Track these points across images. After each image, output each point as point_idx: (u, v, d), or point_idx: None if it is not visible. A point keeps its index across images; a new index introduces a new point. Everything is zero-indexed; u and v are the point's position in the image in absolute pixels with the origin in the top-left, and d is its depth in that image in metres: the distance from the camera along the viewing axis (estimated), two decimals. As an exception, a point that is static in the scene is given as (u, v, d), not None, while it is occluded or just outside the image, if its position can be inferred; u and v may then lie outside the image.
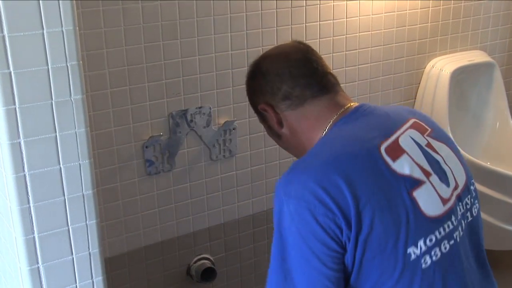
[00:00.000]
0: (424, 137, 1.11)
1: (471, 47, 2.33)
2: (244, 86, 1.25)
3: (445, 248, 1.04)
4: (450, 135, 2.11)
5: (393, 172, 1.03)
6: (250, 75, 1.23)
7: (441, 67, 2.19)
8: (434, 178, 1.06)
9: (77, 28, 0.97)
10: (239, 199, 1.98)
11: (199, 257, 1.94)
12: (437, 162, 1.09)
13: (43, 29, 0.94)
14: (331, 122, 1.12)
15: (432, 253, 1.02)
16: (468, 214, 1.12)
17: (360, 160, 1.03)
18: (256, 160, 1.97)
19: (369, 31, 2.06)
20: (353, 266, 1.01)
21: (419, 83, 2.24)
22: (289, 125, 1.16)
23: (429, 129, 1.14)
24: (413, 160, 1.06)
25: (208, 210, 1.93)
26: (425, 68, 2.23)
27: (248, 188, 1.98)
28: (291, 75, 1.14)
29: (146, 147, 1.77)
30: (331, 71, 1.19)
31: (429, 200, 1.04)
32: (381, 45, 2.10)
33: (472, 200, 1.14)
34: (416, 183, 1.03)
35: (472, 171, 2.15)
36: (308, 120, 1.14)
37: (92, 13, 1.59)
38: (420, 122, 1.14)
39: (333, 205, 0.98)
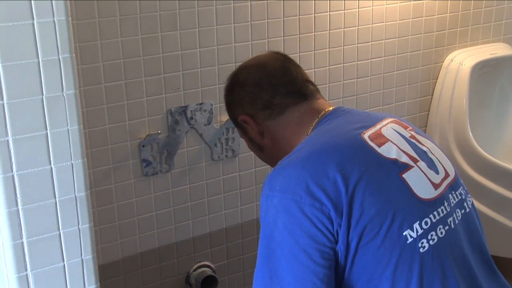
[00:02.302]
0: (407, 131, 1.17)
1: (494, 39, 2.32)
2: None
3: (441, 233, 1.06)
4: (470, 134, 2.13)
5: (380, 156, 1.07)
6: (227, 88, 1.30)
7: (461, 61, 2.18)
8: (422, 164, 1.11)
9: (70, 18, 0.97)
10: (242, 202, 1.98)
11: (199, 264, 1.95)
12: (424, 152, 1.14)
13: (33, 19, 0.94)
14: (312, 126, 1.18)
15: (429, 237, 1.04)
16: (465, 204, 1.15)
17: (345, 146, 1.08)
18: (260, 160, 1.96)
19: (383, 22, 2.06)
20: (346, 257, 1.02)
21: (437, 78, 2.24)
22: (271, 135, 1.22)
23: (410, 127, 1.20)
24: (398, 147, 1.11)
25: (209, 214, 1.93)
26: (443, 62, 2.23)
27: (251, 190, 1.98)
28: (270, 84, 1.21)
29: (143, 146, 1.77)
30: (311, 79, 1.26)
31: (419, 183, 1.07)
32: (395, 37, 2.10)
33: (464, 192, 1.17)
34: (404, 167, 1.08)
35: (494, 173, 2.16)
36: (289, 127, 1.20)
37: (86, 2, 1.59)
38: (400, 121, 1.20)
39: (321, 193, 1.01)
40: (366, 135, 1.10)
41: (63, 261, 1.05)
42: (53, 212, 1.02)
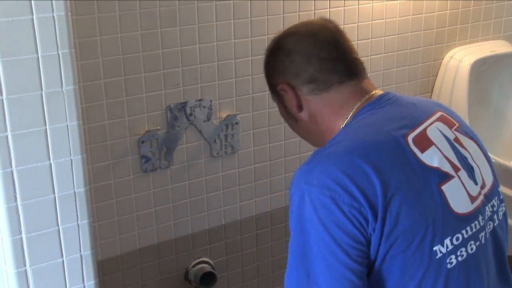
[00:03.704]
0: (452, 131, 1.12)
1: (494, 37, 2.32)
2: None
3: (471, 249, 1.04)
4: (470, 132, 2.13)
5: (421, 163, 1.03)
6: (271, 51, 1.21)
7: (461, 58, 2.18)
8: (463, 173, 1.07)
9: (69, 13, 0.97)
10: (241, 199, 1.98)
11: (198, 260, 1.95)
12: (465, 158, 1.10)
13: (32, 14, 0.94)
14: (354, 110, 1.12)
15: (458, 253, 1.02)
16: (495, 216, 1.12)
17: (386, 149, 1.03)
18: (260, 157, 1.97)
19: (383, 19, 2.06)
20: (374, 262, 1.01)
21: (437, 75, 2.24)
22: (309, 110, 1.16)
23: (457, 124, 1.15)
24: (442, 152, 1.06)
25: (208, 210, 1.93)
26: (443, 59, 2.23)
27: (251, 187, 1.98)
28: (318, 58, 1.14)
29: (142, 142, 1.77)
30: (358, 56, 1.18)
31: (457, 196, 1.04)
32: (395, 34, 2.10)
33: (498, 202, 1.14)
34: (445, 177, 1.04)
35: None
36: (331, 107, 1.14)
37: (85, -2, 1.59)
38: (448, 116, 1.15)
39: (359, 194, 0.98)
40: (410, 138, 1.05)
41: (62, 256, 1.05)
42: (52, 208, 1.02)
